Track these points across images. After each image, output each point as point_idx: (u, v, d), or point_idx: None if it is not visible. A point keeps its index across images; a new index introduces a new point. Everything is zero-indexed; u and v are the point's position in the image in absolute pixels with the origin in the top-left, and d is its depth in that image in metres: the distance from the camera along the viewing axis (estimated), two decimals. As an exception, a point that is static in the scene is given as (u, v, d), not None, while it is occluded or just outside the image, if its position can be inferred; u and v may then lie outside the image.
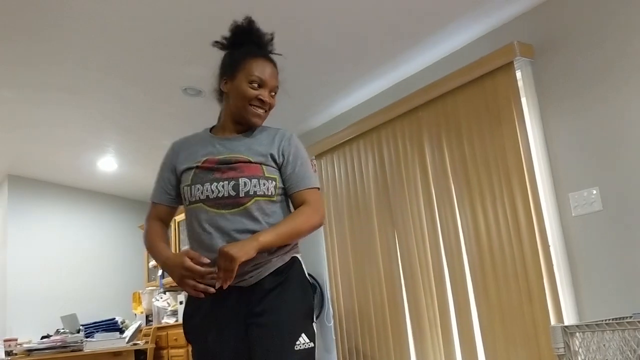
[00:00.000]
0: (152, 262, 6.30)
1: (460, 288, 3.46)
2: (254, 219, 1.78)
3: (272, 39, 1.98)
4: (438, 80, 3.59)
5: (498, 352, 3.21)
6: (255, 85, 1.86)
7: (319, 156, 4.66)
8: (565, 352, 2.25)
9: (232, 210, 1.78)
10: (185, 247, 5.53)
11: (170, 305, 5.81)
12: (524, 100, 3.22)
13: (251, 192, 1.79)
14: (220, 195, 1.79)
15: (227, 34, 1.97)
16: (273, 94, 1.93)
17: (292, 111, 4.67)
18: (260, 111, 1.89)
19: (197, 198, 1.82)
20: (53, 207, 6.61)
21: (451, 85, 3.51)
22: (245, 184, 1.79)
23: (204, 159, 1.87)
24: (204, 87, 4.27)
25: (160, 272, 6.07)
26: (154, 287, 6.18)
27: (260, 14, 3.36)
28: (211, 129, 2.03)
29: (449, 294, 3.55)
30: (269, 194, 1.81)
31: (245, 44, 1.94)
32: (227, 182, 1.80)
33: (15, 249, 6.30)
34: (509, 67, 3.23)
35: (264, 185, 1.81)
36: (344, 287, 4.34)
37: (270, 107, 1.93)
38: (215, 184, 1.80)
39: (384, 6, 3.26)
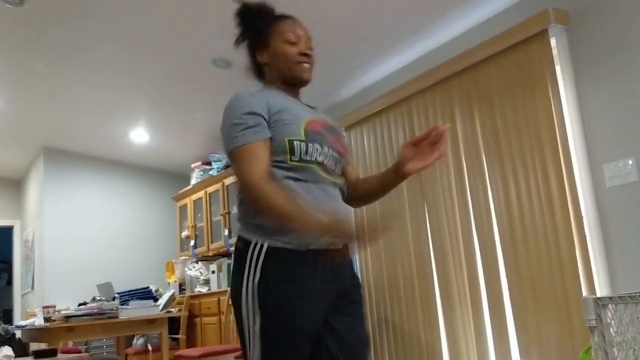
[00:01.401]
0: (185, 233, 6.41)
1: (491, 259, 3.43)
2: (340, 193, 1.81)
3: (274, 8, 1.89)
4: (469, 50, 3.52)
5: (528, 324, 3.19)
6: (292, 42, 1.79)
7: (348, 128, 4.64)
8: (597, 324, 2.23)
9: (335, 180, 1.75)
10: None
11: (202, 275, 5.91)
12: (558, 68, 3.14)
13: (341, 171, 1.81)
14: (330, 162, 1.72)
15: (236, 23, 1.89)
16: (311, 46, 1.84)
17: (321, 83, 4.62)
18: (307, 65, 1.81)
19: (314, 159, 1.66)
20: (87, 178, 6.75)
21: (483, 54, 3.44)
22: (342, 163, 1.80)
23: (309, 117, 1.73)
24: (234, 59, 4.27)
25: (192, 242, 6.16)
26: (187, 257, 6.28)
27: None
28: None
29: (478, 266, 3.53)
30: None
31: (257, 18, 1.86)
32: (334, 151, 1.74)
33: (51, 221, 6.46)
34: (543, 34, 3.15)
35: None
36: (372, 258, 4.36)
37: (313, 59, 1.83)
38: (330, 150, 1.72)
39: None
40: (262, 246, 1.61)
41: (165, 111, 5.44)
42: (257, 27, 1.85)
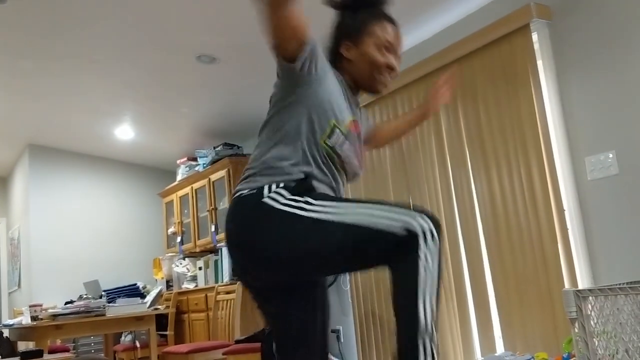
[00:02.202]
0: (171, 229, 6.40)
1: (475, 253, 3.47)
2: None
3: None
4: (453, 44, 3.54)
5: (513, 317, 3.23)
6: (384, 51, 1.70)
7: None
8: (577, 316, 2.26)
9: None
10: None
11: (189, 271, 5.91)
12: (540, 63, 3.17)
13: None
14: (347, 166, 1.71)
15: None
16: (399, 59, 1.76)
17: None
18: (388, 79, 1.74)
19: (341, 154, 1.65)
20: (73, 175, 6.71)
21: (466, 49, 3.46)
22: (355, 178, 1.79)
23: (351, 118, 1.70)
24: (219, 54, 4.26)
25: (179, 238, 6.16)
26: (174, 253, 6.28)
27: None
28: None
29: (463, 259, 3.56)
30: None
31: (362, 6, 1.75)
32: (355, 159, 1.73)
33: (37, 218, 6.42)
34: (525, 29, 3.17)
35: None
36: (360, 253, 4.37)
37: (396, 74, 1.76)
38: (354, 158, 1.71)
39: None
40: (278, 183, 1.56)
41: (150, 107, 5.42)
42: (357, 16, 1.73)
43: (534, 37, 3.17)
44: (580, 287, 2.91)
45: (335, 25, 1.78)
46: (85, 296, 5.56)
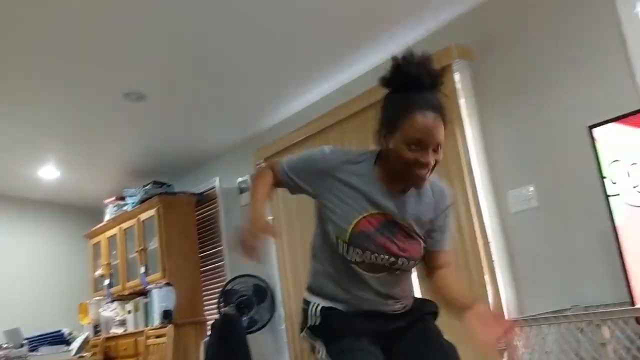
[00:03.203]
0: (99, 271, 6.17)
1: (407, 287, 3.51)
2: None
3: (437, 77, 1.65)
4: (377, 85, 3.62)
5: (444, 348, 3.27)
6: (414, 147, 1.59)
7: (268, 159, 4.65)
8: (505, 346, 2.32)
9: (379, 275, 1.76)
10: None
11: (118, 315, 5.70)
12: (462, 101, 3.31)
13: (404, 267, 1.77)
14: (373, 262, 1.72)
15: (388, 72, 1.67)
16: (437, 150, 1.62)
17: (241, 115, 4.65)
18: (423, 172, 1.62)
19: (353, 260, 1.72)
20: (-7, 217, 6.39)
21: (392, 88, 3.55)
22: (402, 263, 1.73)
23: (375, 211, 1.69)
24: (147, 92, 4.21)
25: (107, 281, 5.94)
26: (101, 297, 6.05)
27: (197, 17, 3.35)
28: (375, 161, 1.74)
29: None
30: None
31: (405, 86, 1.63)
32: (387, 256, 1.71)
33: (-47, 263, 6.05)
34: (447, 69, 3.30)
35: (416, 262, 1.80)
36: (295, 290, 4.35)
37: (436, 164, 1.63)
38: (375, 255, 1.70)
39: (327, 14, 3.29)
40: (318, 305, 1.80)
41: (76, 146, 5.26)
42: (393, 105, 1.65)
43: (456, 77, 3.31)
44: (506, 317, 2.99)
45: (381, 107, 1.71)
46: (5, 345, 5.25)
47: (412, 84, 1.61)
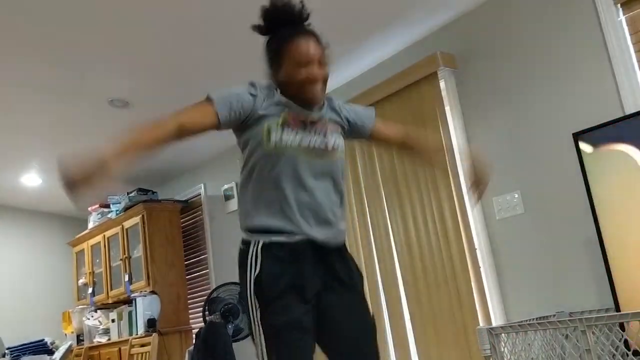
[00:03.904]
0: (82, 280, 6.10)
1: (394, 294, 3.52)
2: None
3: (302, 7, 1.85)
4: (365, 91, 3.65)
5: (431, 355, 3.28)
6: (303, 64, 1.77)
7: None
8: (491, 353, 2.33)
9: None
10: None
11: (101, 324, 5.63)
12: (447, 108, 3.32)
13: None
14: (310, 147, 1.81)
15: (259, 20, 1.85)
16: (321, 64, 1.82)
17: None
18: (317, 87, 1.80)
19: (289, 144, 1.79)
20: (-27, 225, 6.31)
21: (378, 95, 3.57)
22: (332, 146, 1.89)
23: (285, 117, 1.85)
24: (132, 99, 4.18)
25: (90, 289, 5.88)
26: (85, 306, 5.97)
27: (182, 25, 3.34)
28: None
29: (382, 301, 3.60)
30: None
31: (280, 25, 1.83)
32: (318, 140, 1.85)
33: None
34: (433, 77, 3.32)
35: None
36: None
37: (325, 78, 1.83)
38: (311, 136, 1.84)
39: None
40: (257, 242, 1.72)
41: (59, 152, 5.20)
42: (275, 41, 1.83)
43: (442, 84, 3.33)
44: (493, 323, 3.01)
45: (264, 57, 1.88)
46: (-15, 356, 5.17)
47: (283, 20, 1.82)
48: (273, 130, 1.73)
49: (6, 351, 5.02)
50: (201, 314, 4.61)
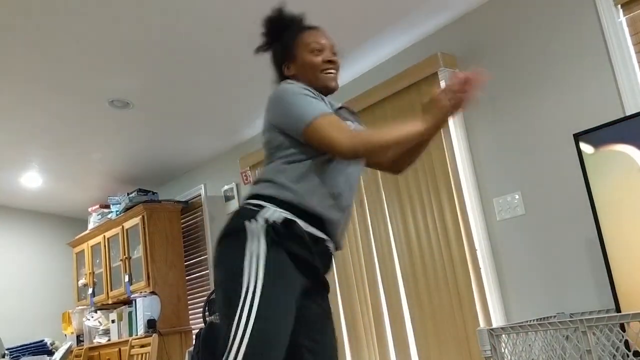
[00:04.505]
0: (82, 280, 6.10)
1: (394, 295, 3.51)
2: None
3: (302, 19, 1.92)
4: (366, 92, 3.65)
5: (431, 356, 3.27)
6: (317, 51, 1.81)
7: (253, 167, 4.64)
8: (492, 354, 2.32)
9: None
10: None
11: (101, 324, 5.63)
12: (448, 109, 3.31)
13: None
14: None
15: (263, 31, 1.90)
16: (334, 53, 1.86)
17: (224, 123, 4.63)
18: (333, 73, 1.84)
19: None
20: (-27, 226, 6.30)
21: (379, 96, 3.57)
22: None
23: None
24: (132, 99, 4.18)
25: (90, 290, 5.87)
26: (85, 306, 5.97)
27: (183, 26, 3.35)
28: None
29: (382, 302, 3.60)
30: None
31: (282, 31, 1.88)
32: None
33: None
34: (433, 77, 3.32)
35: None
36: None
37: (338, 66, 1.86)
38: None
39: (311, 21, 3.28)
40: (286, 217, 1.62)
41: (60, 154, 5.21)
42: (283, 40, 1.86)
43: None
44: (494, 324, 3.00)
45: (272, 56, 1.90)
46: (-15, 356, 5.16)
47: (284, 24, 1.86)
48: None
49: (6, 352, 5.01)
50: (201, 314, 4.60)
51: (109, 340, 5.43)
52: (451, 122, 3.30)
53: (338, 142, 1.62)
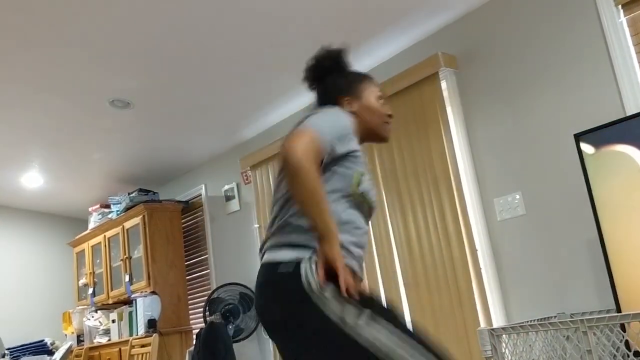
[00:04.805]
0: (82, 280, 6.10)
1: (394, 294, 3.51)
2: None
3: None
4: (367, 91, 3.64)
5: (431, 356, 3.27)
6: (381, 101, 1.83)
7: (254, 167, 4.65)
8: (492, 354, 2.32)
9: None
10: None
11: (102, 324, 5.63)
12: (449, 109, 3.32)
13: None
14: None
15: (324, 61, 1.89)
16: None
17: (226, 123, 4.63)
18: (390, 127, 1.88)
19: (370, 198, 1.71)
20: (-26, 226, 6.30)
21: (380, 95, 3.56)
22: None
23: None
24: (133, 99, 4.18)
25: (91, 290, 5.87)
26: (85, 306, 5.97)
27: (183, 27, 3.35)
28: None
29: (383, 302, 3.59)
30: None
31: (336, 69, 1.89)
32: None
33: None
34: (434, 77, 3.32)
35: None
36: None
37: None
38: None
39: (312, 20, 3.29)
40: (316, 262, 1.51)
41: (60, 153, 5.21)
42: (349, 77, 1.85)
43: (443, 85, 3.33)
44: (494, 324, 3.00)
45: (326, 90, 1.85)
46: (-15, 356, 5.17)
47: (344, 65, 1.89)
48: (364, 179, 1.66)
49: (6, 351, 5.02)
50: (202, 314, 4.61)
51: (109, 340, 5.43)
52: (452, 122, 3.30)
53: (294, 146, 1.49)
